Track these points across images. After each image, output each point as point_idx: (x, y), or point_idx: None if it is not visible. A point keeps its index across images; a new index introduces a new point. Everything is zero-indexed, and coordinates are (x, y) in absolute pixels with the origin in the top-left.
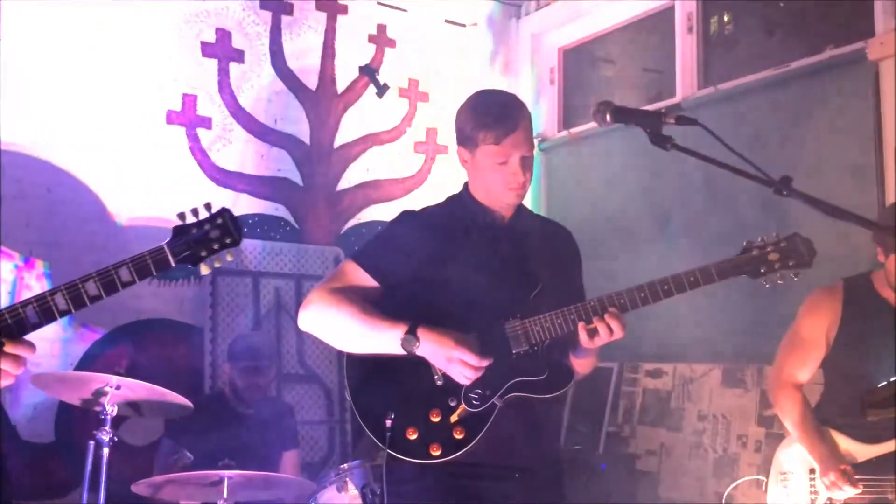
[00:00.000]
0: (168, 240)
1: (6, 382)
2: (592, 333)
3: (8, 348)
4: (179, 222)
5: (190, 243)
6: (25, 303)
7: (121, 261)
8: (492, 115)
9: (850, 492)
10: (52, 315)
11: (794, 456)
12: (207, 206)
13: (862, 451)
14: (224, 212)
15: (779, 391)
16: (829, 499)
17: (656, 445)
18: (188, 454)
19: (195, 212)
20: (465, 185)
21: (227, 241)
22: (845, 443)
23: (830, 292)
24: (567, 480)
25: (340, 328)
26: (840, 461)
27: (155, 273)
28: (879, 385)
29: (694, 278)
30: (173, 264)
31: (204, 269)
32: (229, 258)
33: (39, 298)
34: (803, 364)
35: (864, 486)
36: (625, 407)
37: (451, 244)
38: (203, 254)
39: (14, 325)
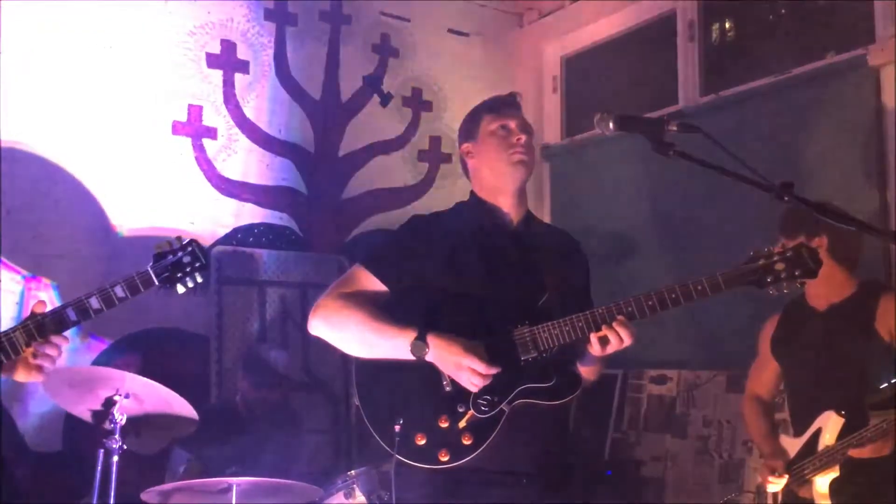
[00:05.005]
0: (151, 263)
1: (50, 365)
2: (603, 342)
3: (53, 339)
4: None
5: (168, 267)
6: (45, 315)
7: (115, 279)
8: (489, 99)
9: (777, 483)
10: (66, 325)
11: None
12: (179, 239)
13: (794, 445)
14: (193, 241)
15: (743, 403)
16: (772, 493)
17: (661, 452)
18: (200, 463)
19: (171, 243)
20: (472, 192)
21: (197, 264)
22: (785, 440)
23: (777, 313)
24: (574, 487)
25: (350, 333)
26: (778, 458)
27: (143, 290)
28: (879, 385)
29: (701, 287)
30: (157, 284)
31: (180, 289)
32: (199, 280)
33: (54, 311)
34: (759, 377)
35: (790, 476)
36: (630, 413)
37: (460, 250)
38: (179, 275)
39: (35, 330)
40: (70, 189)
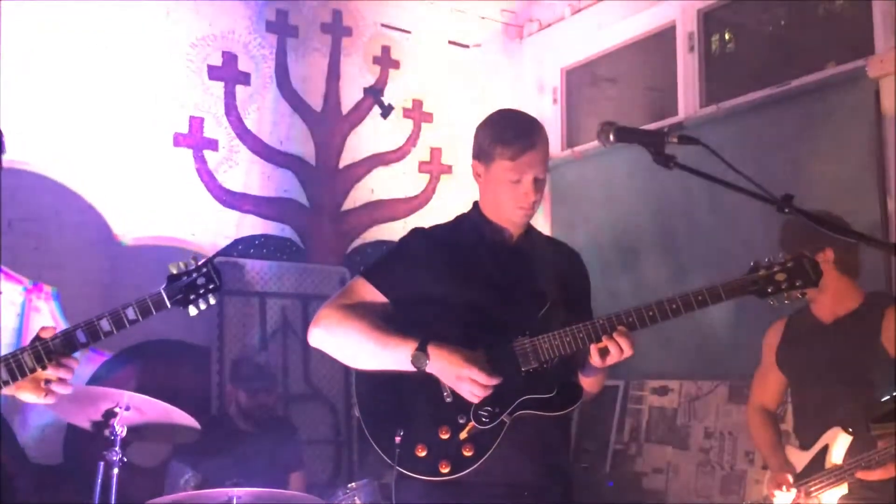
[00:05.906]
0: (164, 285)
1: (63, 390)
2: (604, 353)
3: (64, 361)
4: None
5: (181, 289)
6: (54, 337)
7: (127, 303)
8: (511, 131)
9: (784, 498)
10: (75, 347)
11: None
12: (195, 259)
13: (800, 459)
14: (208, 262)
15: (748, 414)
16: None
17: (663, 463)
18: (198, 476)
19: (186, 264)
20: (475, 203)
21: (211, 286)
22: (791, 454)
23: (781, 319)
24: (576, 498)
25: (350, 344)
26: (785, 472)
27: (154, 313)
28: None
29: (702, 297)
30: (169, 306)
31: (192, 311)
32: (212, 301)
33: (64, 332)
34: (763, 387)
35: (799, 489)
36: (631, 425)
37: (461, 262)
38: (192, 297)
39: (44, 353)
40: (71, 200)
